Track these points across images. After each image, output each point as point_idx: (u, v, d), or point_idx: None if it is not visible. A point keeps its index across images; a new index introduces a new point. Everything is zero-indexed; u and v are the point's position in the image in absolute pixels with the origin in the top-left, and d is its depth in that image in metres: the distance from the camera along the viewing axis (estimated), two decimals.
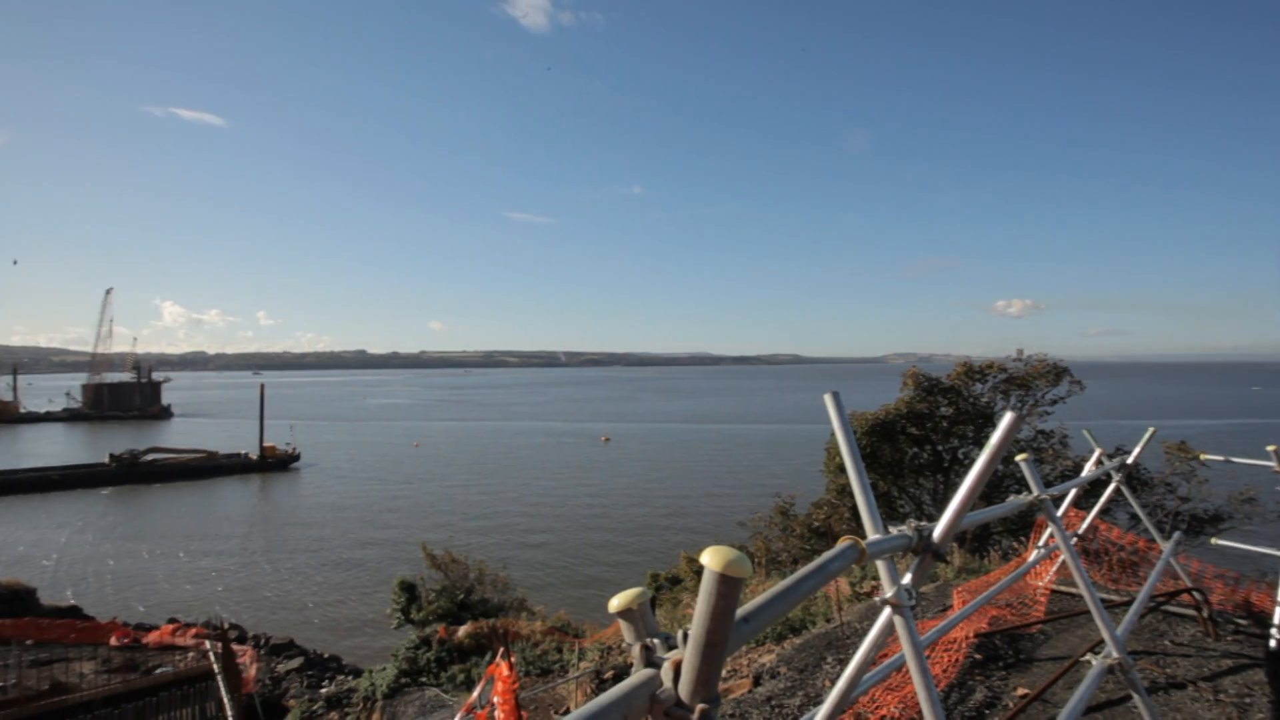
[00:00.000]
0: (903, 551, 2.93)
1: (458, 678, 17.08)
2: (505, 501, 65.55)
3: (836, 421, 3.22)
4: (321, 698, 19.11)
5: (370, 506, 64.53)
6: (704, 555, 1.55)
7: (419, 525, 55.17)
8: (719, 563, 1.52)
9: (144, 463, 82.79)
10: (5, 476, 76.99)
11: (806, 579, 2.24)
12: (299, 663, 28.25)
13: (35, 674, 21.20)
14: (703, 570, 1.57)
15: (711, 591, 1.52)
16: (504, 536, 52.23)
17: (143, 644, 26.14)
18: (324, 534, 54.52)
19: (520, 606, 23.98)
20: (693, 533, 52.81)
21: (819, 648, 7.92)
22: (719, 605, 1.53)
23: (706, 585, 1.52)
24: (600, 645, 16.16)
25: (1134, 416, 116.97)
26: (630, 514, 59.91)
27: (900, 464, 21.49)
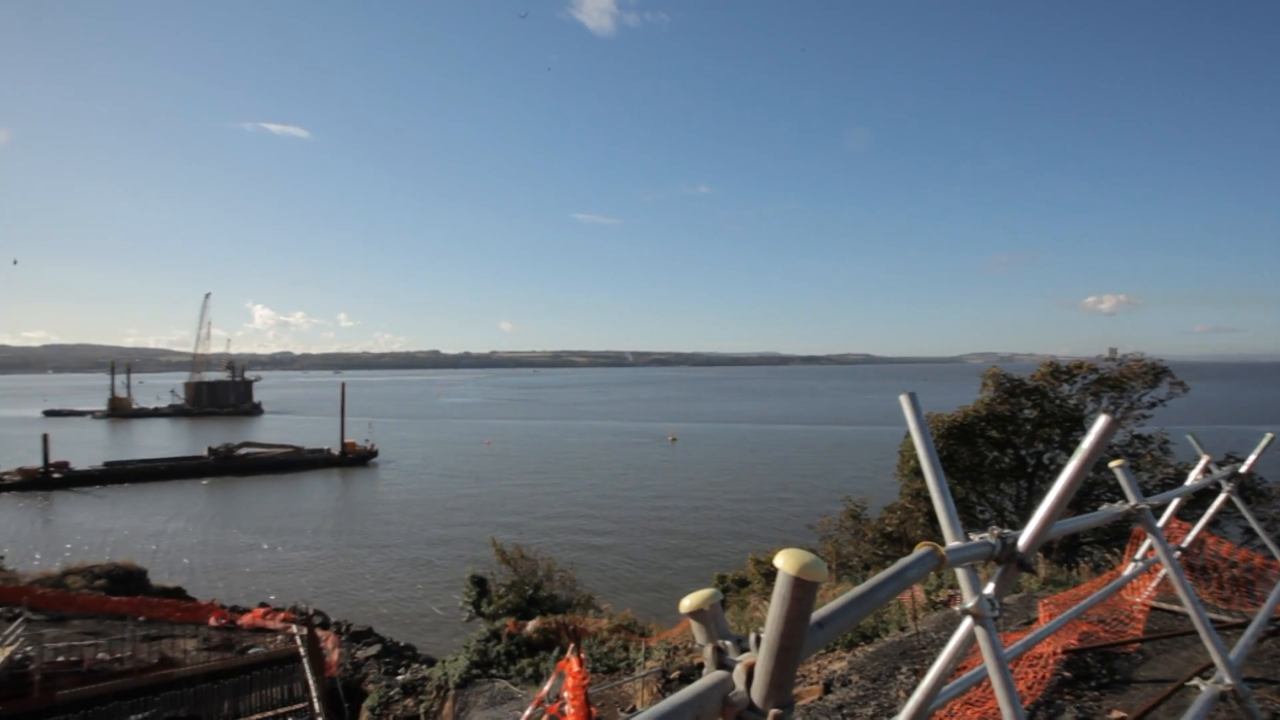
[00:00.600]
0: (985, 560, 2.80)
1: (526, 671, 17.43)
2: (572, 500, 66.48)
3: (913, 423, 3.10)
4: (398, 684, 19.89)
5: (442, 502, 66.71)
6: (778, 558, 1.51)
7: (489, 522, 56.64)
8: (794, 566, 1.48)
9: (238, 456, 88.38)
10: (119, 467, 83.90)
11: (883, 585, 2.16)
12: (377, 650, 29.49)
13: (146, 648, 22.96)
14: (773, 573, 1.53)
15: (786, 595, 1.48)
16: (571, 534, 52.98)
17: (237, 625, 27.88)
18: (399, 528, 56.72)
19: (587, 604, 24.26)
20: (759, 535, 52.14)
21: (893, 656, 7.66)
22: (793, 609, 1.50)
23: (780, 588, 1.48)
24: (666, 645, 16.16)
25: (1247, 421, 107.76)
26: (696, 515, 59.69)
27: (980, 468, 20.55)
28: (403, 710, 18.32)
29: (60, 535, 55.46)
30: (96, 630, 25.38)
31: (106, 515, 63.04)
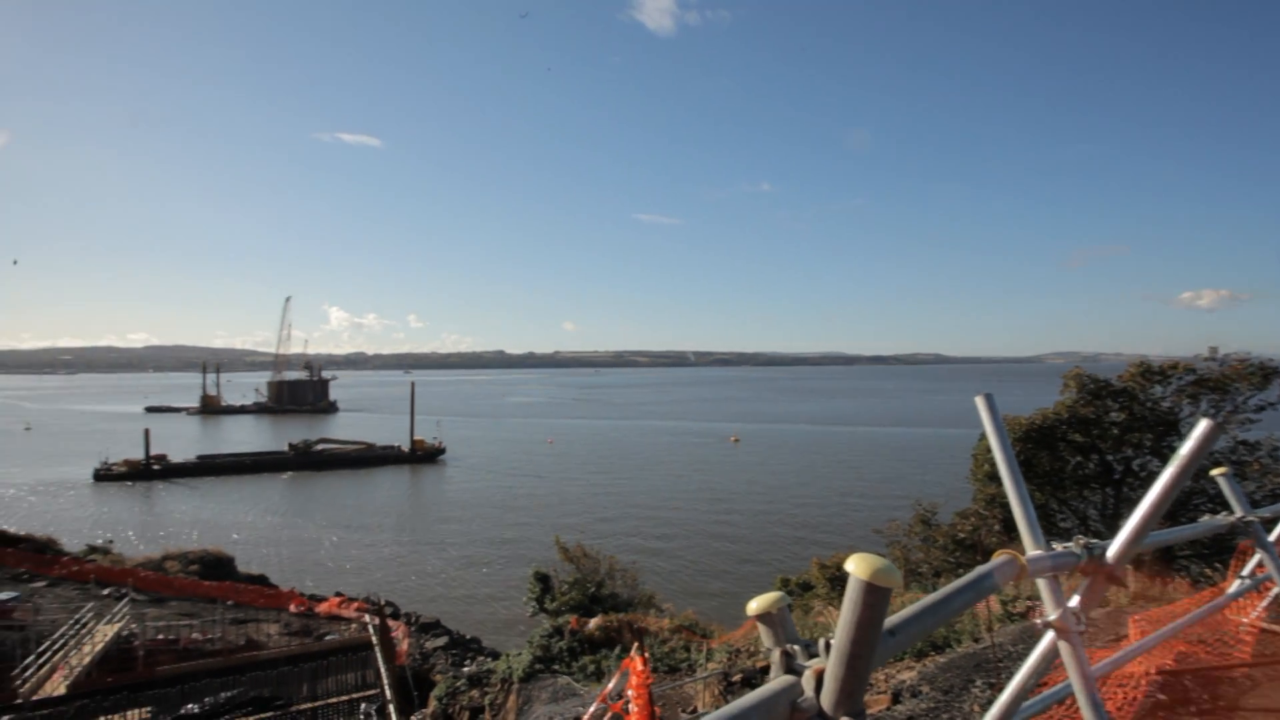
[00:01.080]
0: (1069, 571, 2.65)
1: (588, 668, 17.60)
2: (634, 500, 66.79)
3: (989, 426, 2.96)
4: (464, 676, 20.43)
5: (506, 499, 68.19)
6: (849, 562, 1.47)
7: (551, 519, 57.52)
8: (866, 571, 1.43)
9: (315, 452, 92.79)
10: (210, 460, 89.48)
11: (958, 593, 2.08)
12: (444, 641, 30.45)
13: (234, 630, 24.39)
14: (839, 578, 1.48)
15: (857, 601, 1.44)
16: (632, 534, 53.24)
17: (315, 612, 29.27)
18: (465, 524, 58.31)
19: (649, 603, 24.30)
20: (822, 539, 51.07)
21: (966, 668, 7.35)
22: (865, 615, 1.45)
23: (852, 594, 1.44)
24: (728, 647, 16.02)
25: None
26: (758, 517, 58.98)
27: (1061, 474, 19.49)
28: (468, 701, 18.81)
29: (159, 522, 59.56)
30: (191, 612, 27.14)
31: (199, 505, 67.31)
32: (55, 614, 23.60)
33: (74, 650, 19.68)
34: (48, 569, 30.15)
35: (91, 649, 19.91)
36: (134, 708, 15.30)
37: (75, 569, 30.53)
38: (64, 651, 19.41)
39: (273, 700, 15.53)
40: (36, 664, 18.22)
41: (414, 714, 19.27)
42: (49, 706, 15.81)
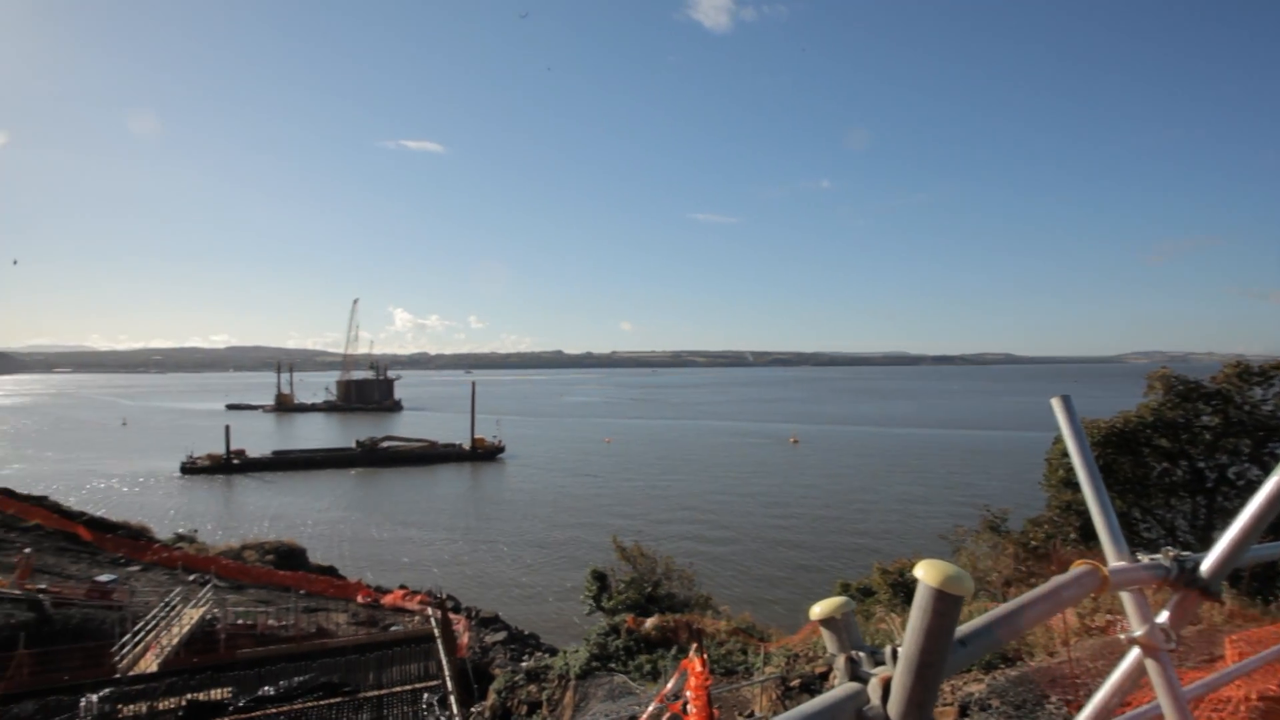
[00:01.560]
0: (1156, 584, 2.48)
1: (644, 667, 17.63)
2: (691, 500, 66.59)
3: (1067, 429, 2.79)
4: (522, 670, 20.78)
5: (564, 498, 69.04)
6: (918, 568, 1.41)
7: (608, 518, 57.93)
8: (936, 577, 1.37)
9: (381, 449, 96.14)
10: (284, 456, 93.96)
11: (1034, 604, 1.96)
12: (503, 636, 31.05)
13: (306, 618, 25.52)
14: (902, 584, 1.42)
15: (927, 608, 1.38)
16: (688, 535, 53.08)
17: (380, 604, 30.34)
18: (523, 521, 59.33)
19: (705, 604, 24.19)
20: (884, 543, 49.72)
21: (1039, 683, 7.01)
22: (935, 624, 1.39)
23: (921, 601, 1.38)
24: (786, 651, 15.78)
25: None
26: (817, 520, 57.92)
27: (1144, 481, 18.35)
28: (526, 696, 19.12)
29: (238, 514, 62.90)
30: (267, 599, 28.55)
31: (273, 498, 70.75)
32: (148, 596, 25.22)
33: (164, 631, 20.99)
34: (141, 554, 32.25)
35: (179, 630, 21.19)
36: (217, 687, 16.19)
37: (165, 555, 32.55)
38: (155, 632, 20.73)
39: (341, 687, 16.15)
40: (132, 642, 19.52)
41: (474, 706, 19.73)
42: (143, 682, 16.89)
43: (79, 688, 15.94)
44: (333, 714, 15.13)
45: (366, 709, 15.38)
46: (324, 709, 15.30)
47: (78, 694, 15.49)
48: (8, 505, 33.83)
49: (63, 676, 17.15)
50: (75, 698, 15.34)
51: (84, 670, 17.72)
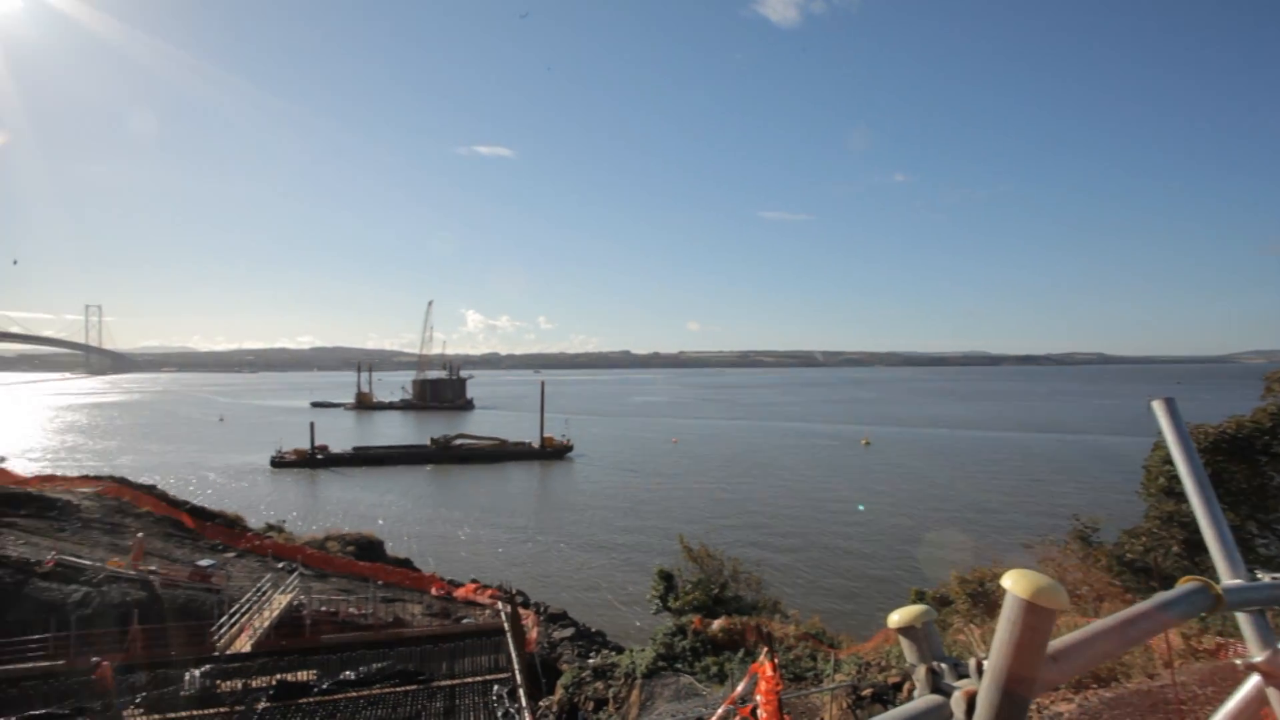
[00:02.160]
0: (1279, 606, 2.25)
1: (710, 669, 17.51)
2: (758, 502, 65.77)
3: (1171, 434, 2.57)
4: (589, 667, 20.99)
5: (631, 497, 69.41)
6: (1007, 578, 1.32)
7: (674, 518, 57.88)
8: (1026, 589, 1.28)
9: (454, 446, 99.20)
10: (364, 452, 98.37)
11: (1136, 622, 1.82)
12: (570, 633, 31.45)
13: (384, 608, 26.61)
14: (981, 594, 1.33)
15: (1016, 621, 1.29)
16: (755, 537, 52.42)
17: (453, 597, 31.27)
18: (590, 519, 59.99)
19: (773, 608, 23.84)
20: (961, 551, 47.58)
21: (1138, 707, 6.55)
22: (1025, 638, 1.30)
23: (1010, 614, 1.29)
24: (857, 659, 15.35)
25: None
26: (889, 524, 56.14)
27: (1262, 492, 16.85)
28: (593, 692, 19.30)
29: (321, 506, 66.25)
30: (348, 588, 29.91)
31: (354, 492, 74.14)
32: (242, 581, 26.88)
33: (256, 614, 22.33)
34: (236, 542, 34.40)
35: (270, 614, 22.49)
36: (303, 669, 17.08)
37: (256, 543, 34.60)
38: (249, 614, 22.08)
39: (416, 675, 16.75)
40: (229, 623, 20.86)
41: (542, 700, 20.07)
42: (238, 660, 18.03)
43: (183, 663, 17.14)
44: (408, 701, 15.70)
45: (440, 698, 15.88)
46: (400, 695, 15.90)
47: (182, 668, 16.66)
48: (124, 493, 36.75)
49: (170, 652, 18.50)
50: (180, 671, 16.51)
51: (187, 647, 19.06)
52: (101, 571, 23.88)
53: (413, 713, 15.19)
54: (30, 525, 28.67)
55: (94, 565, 24.30)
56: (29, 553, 24.17)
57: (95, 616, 21.19)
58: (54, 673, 17.07)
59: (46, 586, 22.33)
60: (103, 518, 32.21)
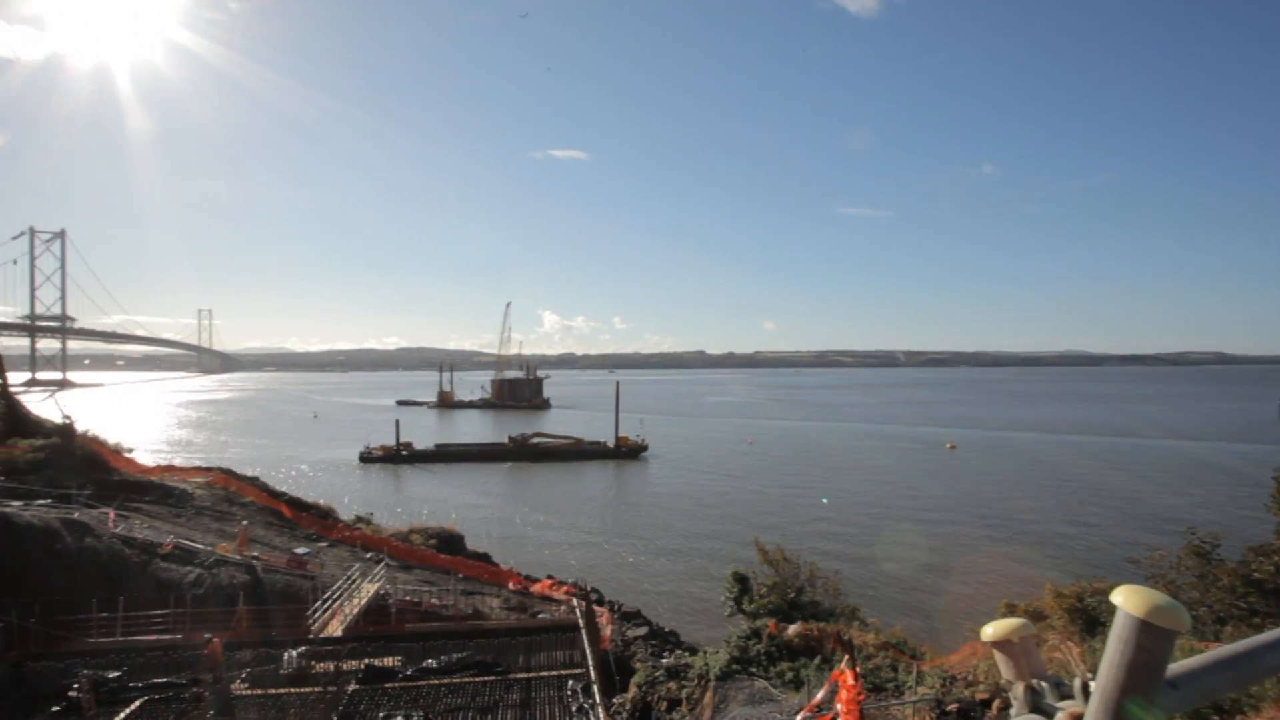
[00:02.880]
0: None
1: (786, 675, 17.17)
2: (836, 504, 64.15)
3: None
4: (663, 667, 21.01)
5: (706, 498, 69.09)
6: (1117, 594, 1.20)
7: (749, 520, 57.21)
8: (1141, 606, 1.16)
9: (531, 445, 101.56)
10: (445, 449, 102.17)
11: (1271, 649, 1.63)
12: (644, 632, 31.58)
13: (464, 600, 27.53)
14: (1080, 609, 1.22)
15: (1129, 640, 1.17)
16: (832, 541, 51.14)
17: (530, 592, 32.00)
18: (664, 519, 60.08)
19: (852, 615, 23.17)
20: (1054, 563, 44.94)
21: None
22: (1139, 659, 1.18)
23: (1123, 632, 1.17)
24: (941, 672, 14.69)
25: None
26: (975, 532, 53.54)
27: None
28: (666, 692, 19.30)
29: (405, 500, 69.23)
30: (430, 580, 31.13)
31: (436, 487, 77.12)
32: (333, 569, 28.41)
33: (346, 601, 23.54)
34: (328, 532, 36.41)
35: (358, 602, 23.67)
36: (388, 655, 17.88)
37: (346, 534, 36.51)
38: (339, 601, 23.30)
39: (494, 666, 17.21)
40: (322, 608, 22.10)
41: (615, 697, 20.23)
42: (330, 644, 19.06)
43: (282, 643, 18.26)
44: (486, 691, 16.15)
45: (516, 689, 16.25)
46: (479, 685, 16.37)
47: (281, 648, 17.74)
48: (230, 483, 39.58)
49: (270, 632, 19.76)
50: (279, 651, 17.59)
51: (285, 628, 20.32)
52: (212, 555, 25.81)
53: (490, 702, 15.61)
54: (153, 510, 31.32)
55: (205, 549, 26.29)
56: (152, 535, 26.39)
57: (206, 596, 22.92)
58: (173, 645, 18.57)
59: (166, 566, 24.31)
60: (212, 506, 34.80)
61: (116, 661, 17.46)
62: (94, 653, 18.13)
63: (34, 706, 15.61)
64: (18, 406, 38.92)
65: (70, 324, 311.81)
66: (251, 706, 15.38)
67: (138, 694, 16.01)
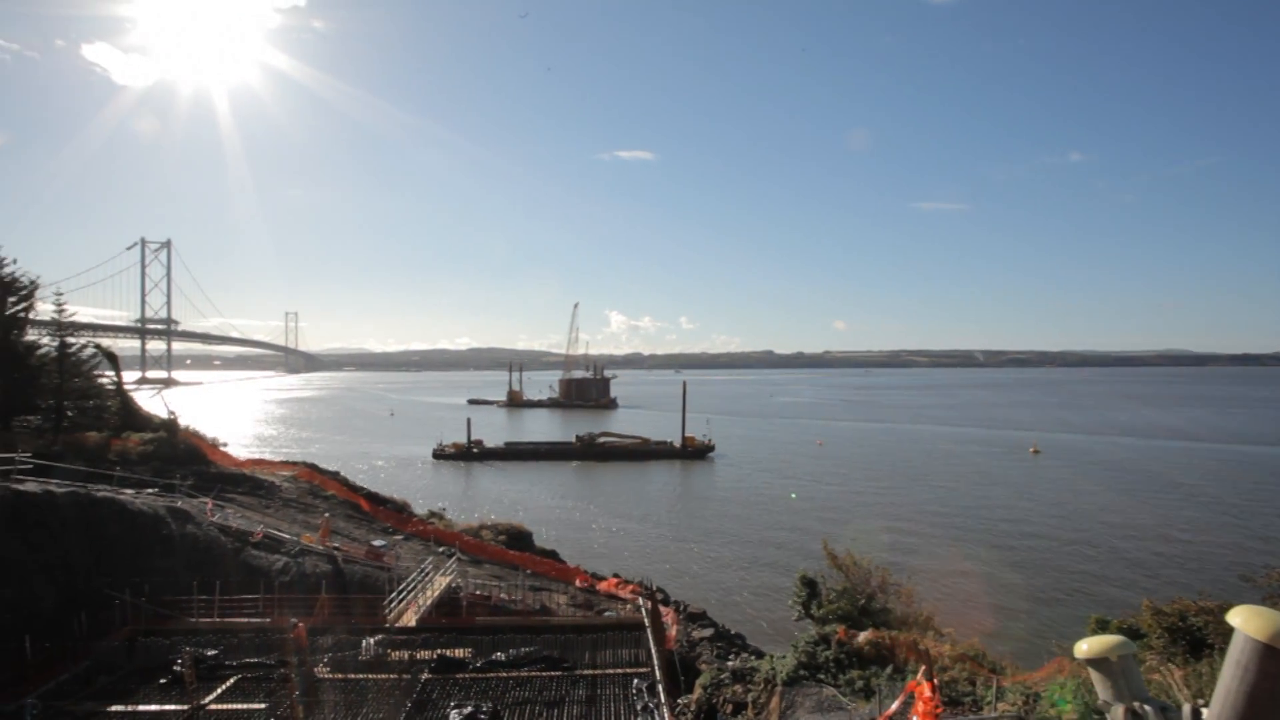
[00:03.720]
0: None
1: (855, 683, 16.68)
2: (908, 511, 62.05)
3: None
4: (728, 669, 20.79)
5: (773, 500, 68.10)
6: (1235, 614, 1.08)
7: (818, 523, 56.04)
8: (1264, 630, 1.04)
9: (598, 444, 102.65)
10: (514, 447, 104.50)
11: None
12: (710, 633, 31.33)
13: (531, 596, 28.05)
14: (1181, 629, 1.09)
15: (1250, 666, 1.05)
16: (904, 547, 49.46)
17: (596, 589, 32.29)
18: (732, 520, 59.54)
19: (926, 624, 22.29)
20: (1150, 578, 42.09)
21: None
22: (1262, 686, 1.06)
23: (1243, 657, 1.06)
24: (1023, 689, 13.94)
25: None
26: (1061, 542, 50.68)
27: None
28: (732, 695, 19.09)
29: (476, 496, 71.20)
30: (499, 575, 31.88)
31: (505, 484, 78.97)
32: (407, 562, 29.49)
33: (420, 592, 24.38)
34: (403, 526, 37.82)
35: (431, 594, 24.47)
36: (459, 646, 18.40)
37: (420, 528, 37.82)
38: (414, 592, 24.15)
39: (561, 662, 17.45)
40: (398, 598, 22.97)
41: (680, 698, 20.15)
42: (405, 633, 19.79)
43: (360, 630, 19.08)
44: (553, 686, 16.39)
45: (582, 686, 16.42)
46: (545, 680, 16.64)
47: (359, 636, 18.55)
48: (314, 477, 41.68)
49: (350, 620, 20.68)
50: (358, 638, 18.39)
51: (363, 617, 21.20)
52: (297, 545, 27.22)
53: (557, 697, 15.83)
54: (245, 501, 33.32)
55: (291, 539, 27.75)
56: (244, 524, 28.06)
57: (292, 583, 24.19)
58: (263, 628, 19.71)
59: (256, 554, 25.81)
60: (298, 498, 36.73)
61: (214, 641, 18.68)
62: (194, 631, 19.46)
63: (144, 677, 16.88)
64: (131, 403, 42.27)
65: (175, 327, 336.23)
66: (332, 689, 16.13)
67: (232, 672, 17.06)
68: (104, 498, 22.97)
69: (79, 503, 21.97)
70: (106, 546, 21.79)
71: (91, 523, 21.81)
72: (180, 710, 15.25)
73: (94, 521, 21.91)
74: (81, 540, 21.20)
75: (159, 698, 15.99)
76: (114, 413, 39.13)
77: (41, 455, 25.95)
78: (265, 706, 15.41)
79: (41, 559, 19.97)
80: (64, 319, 37.93)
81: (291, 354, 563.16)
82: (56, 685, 16.38)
